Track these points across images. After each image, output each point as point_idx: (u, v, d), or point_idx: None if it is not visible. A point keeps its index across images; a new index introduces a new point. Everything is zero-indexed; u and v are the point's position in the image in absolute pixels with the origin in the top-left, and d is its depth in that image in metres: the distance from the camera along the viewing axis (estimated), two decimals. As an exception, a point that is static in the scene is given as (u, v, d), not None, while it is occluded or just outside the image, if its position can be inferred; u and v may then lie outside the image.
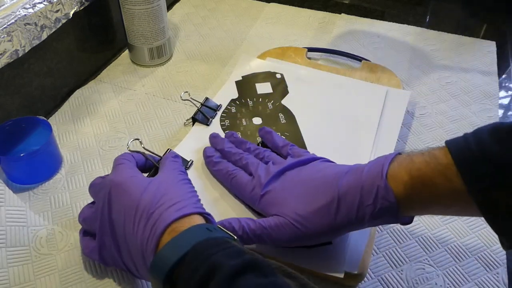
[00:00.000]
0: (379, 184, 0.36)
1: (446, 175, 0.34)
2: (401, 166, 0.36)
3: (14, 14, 0.50)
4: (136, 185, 0.38)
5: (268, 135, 0.51)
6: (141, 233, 0.35)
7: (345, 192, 0.38)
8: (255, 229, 0.40)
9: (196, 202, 0.38)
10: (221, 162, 0.48)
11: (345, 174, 0.39)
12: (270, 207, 0.41)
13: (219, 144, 0.50)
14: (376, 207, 0.36)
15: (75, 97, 0.62)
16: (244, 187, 0.44)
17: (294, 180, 0.42)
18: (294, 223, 0.39)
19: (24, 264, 0.42)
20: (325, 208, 0.38)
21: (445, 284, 0.42)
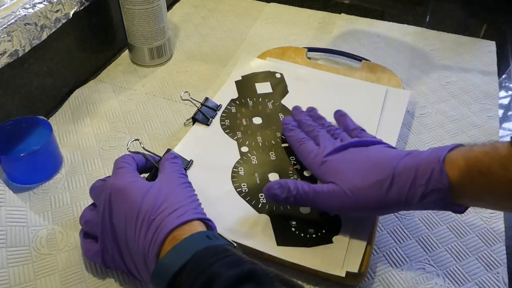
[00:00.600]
0: (434, 167, 0.37)
1: (504, 165, 0.34)
2: (459, 153, 0.37)
3: (14, 14, 0.50)
4: (137, 190, 0.38)
5: (342, 117, 0.53)
6: (143, 239, 0.36)
7: (400, 171, 0.39)
8: (309, 192, 0.41)
9: (196, 207, 0.38)
10: (295, 130, 0.51)
11: (404, 156, 0.40)
12: (328, 174, 0.43)
13: (298, 115, 0.54)
14: (427, 188, 0.37)
15: (75, 97, 0.62)
16: (309, 153, 0.46)
17: (355, 155, 0.43)
18: (347, 191, 0.40)
19: (24, 264, 0.42)
20: (379, 183, 0.39)
21: (445, 284, 0.42)
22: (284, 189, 0.42)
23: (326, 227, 0.44)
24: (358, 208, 0.40)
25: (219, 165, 0.50)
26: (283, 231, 0.44)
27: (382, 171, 0.40)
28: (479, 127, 0.59)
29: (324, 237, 0.43)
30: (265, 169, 0.50)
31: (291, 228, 0.44)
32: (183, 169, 0.43)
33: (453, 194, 0.37)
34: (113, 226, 0.38)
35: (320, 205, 0.42)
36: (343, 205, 0.40)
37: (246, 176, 0.49)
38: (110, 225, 0.38)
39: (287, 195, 0.42)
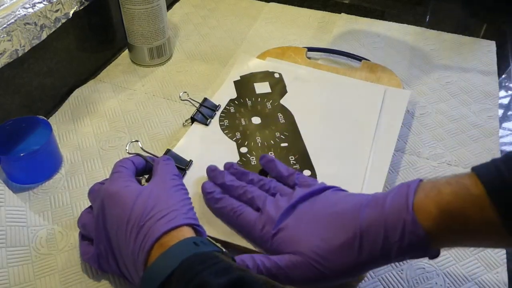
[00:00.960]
0: (405, 218, 0.34)
1: (479, 207, 0.32)
2: (428, 198, 0.34)
3: (14, 14, 0.50)
4: (128, 195, 0.38)
5: (271, 163, 0.47)
6: (133, 245, 0.36)
7: (367, 227, 0.35)
8: (271, 268, 0.37)
9: (187, 211, 0.38)
10: (224, 198, 0.44)
11: (364, 206, 0.36)
12: (284, 246, 0.38)
13: (218, 178, 0.46)
14: (403, 242, 0.34)
15: (75, 96, 0.62)
16: (253, 225, 0.40)
17: (308, 214, 0.39)
18: (313, 262, 0.36)
19: (24, 264, 0.42)
20: (346, 245, 0.35)
21: (445, 284, 0.42)
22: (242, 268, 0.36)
23: None
24: (328, 277, 0.36)
25: (219, 165, 0.50)
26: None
27: (346, 229, 0.36)
28: (479, 127, 0.59)
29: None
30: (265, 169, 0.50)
31: (291, 228, 0.44)
32: (176, 170, 0.42)
33: (430, 244, 0.34)
34: (106, 231, 0.38)
35: (285, 281, 0.37)
36: (314, 277, 0.36)
37: (246, 176, 0.49)
38: (104, 230, 0.38)
39: None
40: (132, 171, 0.42)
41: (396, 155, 0.55)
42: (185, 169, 0.49)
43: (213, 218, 0.44)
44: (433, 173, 0.53)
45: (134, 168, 0.43)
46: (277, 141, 0.53)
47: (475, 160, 0.54)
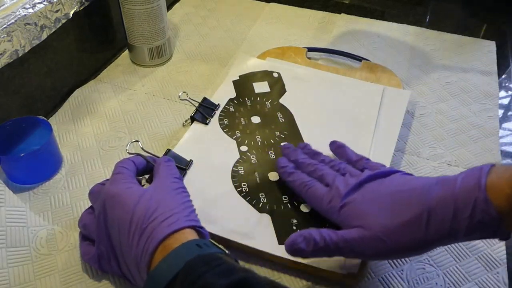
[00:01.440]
0: (477, 196, 0.33)
1: None
2: (501, 179, 0.34)
3: (14, 14, 0.50)
4: (130, 197, 0.38)
5: (341, 149, 0.48)
6: (135, 248, 0.36)
7: (436, 204, 0.35)
8: (338, 242, 0.37)
9: (189, 214, 0.38)
10: (295, 173, 0.46)
11: (434, 185, 0.36)
12: (350, 219, 0.39)
13: (292, 155, 0.48)
14: (473, 220, 0.34)
15: (75, 96, 0.62)
16: (321, 198, 0.42)
17: (375, 192, 0.39)
18: (380, 235, 0.36)
19: (24, 265, 0.42)
20: (414, 221, 0.35)
21: (445, 284, 0.42)
22: (309, 242, 0.38)
23: (327, 226, 0.44)
24: (396, 252, 0.37)
25: (219, 164, 0.50)
26: (284, 230, 0.44)
27: (414, 206, 0.36)
28: (479, 127, 0.59)
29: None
30: (265, 168, 0.50)
31: (293, 227, 0.44)
32: (177, 172, 0.43)
33: (502, 223, 0.33)
34: (108, 233, 0.38)
35: (351, 255, 0.38)
36: (378, 250, 0.36)
37: (246, 175, 0.49)
38: (105, 231, 0.38)
39: (314, 248, 0.38)
40: (133, 172, 0.42)
41: (396, 155, 0.55)
42: (185, 168, 0.49)
43: (214, 217, 0.45)
44: (433, 173, 0.53)
45: (135, 168, 0.43)
46: (277, 140, 0.53)
47: (475, 160, 0.54)
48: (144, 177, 0.46)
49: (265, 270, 0.43)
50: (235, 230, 0.44)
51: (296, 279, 0.42)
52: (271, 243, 0.43)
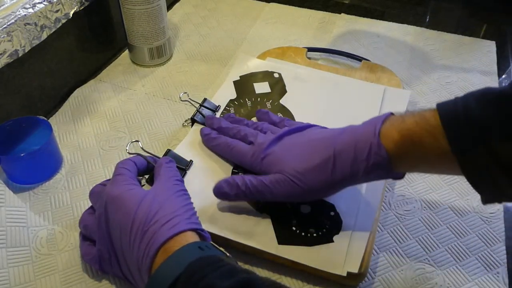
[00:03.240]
0: (372, 141, 0.39)
1: (434, 135, 0.36)
2: (392, 126, 0.39)
3: (14, 14, 0.50)
4: (131, 199, 0.38)
5: (265, 115, 0.53)
6: (137, 250, 0.36)
7: (341, 149, 0.40)
8: (257, 185, 0.42)
9: (190, 216, 0.38)
10: (219, 137, 0.50)
11: (340, 133, 0.41)
12: (270, 167, 0.43)
13: (215, 123, 0.52)
14: (369, 162, 0.39)
15: (75, 96, 0.62)
16: (245, 154, 0.46)
17: (292, 142, 0.44)
18: (293, 179, 0.41)
19: (24, 265, 0.42)
20: (322, 165, 0.40)
21: (445, 284, 0.42)
22: (232, 186, 0.43)
23: (327, 226, 0.44)
24: (307, 192, 0.41)
25: (219, 165, 0.50)
26: (284, 230, 0.44)
27: (323, 152, 0.41)
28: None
29: (325, 236, 0.43)
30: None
31: (292, 227, 0.44)
32: (178, 174, 0.43)
33: (391, 164, 0.38)
34: (109, 234, 0.38)
35: (270, 197, 0.42)
36: (292, 192, 0.41)
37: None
38: (107, 233, 0.38)
39: (237, 192, 0.43)
40: (134, 173, 0.42)
41: (396, 155, 0.55)
42: (185, 169, 0.49)
43: (214, 216, 0.45)
44: (427, 175, 0.53)
45: (136, 169, 0.43)
46: (277, 141, 0.53)
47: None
48: (144, 177, 0.46)
49: (265, 271, 0.43)
50: (235, 230, 0.44)
51: (296, 279, 0.43)
52: (270, 243, 0.43)
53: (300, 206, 0.46)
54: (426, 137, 0.36)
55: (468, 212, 0.49)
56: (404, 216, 0.48)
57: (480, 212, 0.49)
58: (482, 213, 0.49)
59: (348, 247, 0.42)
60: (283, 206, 0.46)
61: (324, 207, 0.46)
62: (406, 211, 0.49)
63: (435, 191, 0.51)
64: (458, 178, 0.52)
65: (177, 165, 0.45)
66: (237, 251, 0.43)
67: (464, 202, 0.50)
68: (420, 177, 0.52)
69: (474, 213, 0.49)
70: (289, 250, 0.42)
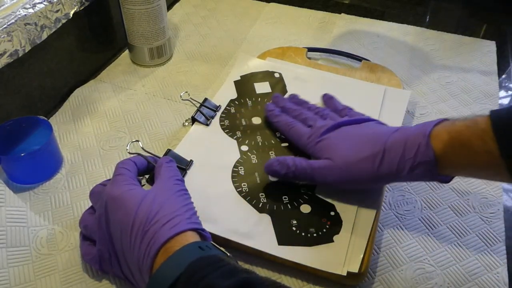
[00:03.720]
0: (421, 141, 0.40)
1: (483, 138, 0.37)
2: (443, 128, 0.40)
3: (14, 14, 0.50)
4: (132, 199, 0.38)
5: (330, 100, 0.55)
6: (137, 251, 0.36)
7: (391, 146, 0.42)
8: (306, 167, 0.45)
9: (190, 216, 0.38)
10: (281, 115, 0.53)
11: (394, 131, 0.43)
12: (322, 152, 0.46)
13: (280, 102, 0.55)
14: (415, 160, 0.40)
15: (75, 96, 0.62)
16: (302, 135, 0.49)
17: (348, 133, 0.46)
18: (341, 166, 0.43)
19: (24, 264, 0.42)
20: (370, 158, 0.42)
21: (445, 284, 0.42)
22: (283, 165, 0.45)
23: (327, 226, 0.44)
24: (352, 181, 0.43)
25: (219, 164, 0.50)
26: (284, 230, 0.44)
27: (374, 146, 0.42)
28: None
29: (325, 236, 0.43)
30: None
31: (292, 228, 0.44)
32: (179, 173, 0.43)
33: (438, 166, 0.40)
34: (110, 234, 0.38)
35: (317, 179, 0.45)
36: (338, 178, 0.43)
37: (247, 175, 0.49)
38: (107, 233, 0.38)
39: (286, 171, 0.45)
40: (134, 173, 0.42)
41: (396, 155, 0.55)
42: (185, 169, 0.49)
43: (214, 216, 0.45)
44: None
45: (136, 169, 0.43)
46: (277, 141, 0.53)
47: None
48: (144, 177, 0.46)
49: (265, 270, 0.43)
50: (235, 230, 0.44)
51: (296, 279, 0.43)
52: (270, 243, 0.43)
53: (300, 206, 0.46)
54: (476, 140, 0.37)
55: (468, 212, 0.49)
56: (404, 216, 0.48)
57: (480, 212, 0.49)
58: (482, 213, 0.49)
59: (348, 247, 0.42)
60: (283, 206, 0.46)
61: (324, 207, 0.46)
62: (406, 211, 0.49)
63: (435, 191, 0.51)
64: (458, 178, 0.52)
65: (177, 165, 0.45)
66: (237, 251, 0.43)
67: (464, 202, 0.50)
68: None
69: (474, 213, 0.49)
70: (289, 250, 0.42)
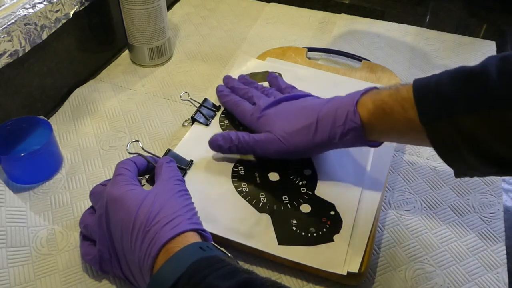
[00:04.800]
0: (349, 109, 0.43)
1: (404, 106, 0.39)
2: (369, 97, 0.43)
3: (14, 14, 0.50)
4: (132, 199, 0.38)
5: (274, 79, 0.58)
6: (138, 251, 0.36)
7: (323, 115, 0.44)
8: (249, 140, 0.48)
9: (191, 217, 0.38)
10: (230, 95, 0.56)
11: (327, 102, 0.46)
12: (264, 126, 0.49)
13: (230, 82, 0.58)
14: (345, 127, 0.43)
15: (75, 96, 0.62)
16: (246, 112, 0.52)
17: (286, 107, 0.49)
18: (280, 138, 0.46)
19: (24, 265, 0.42)
20: (306, 128, 0.45)
21: (445, 284, 0.42)
22: (227, 140, 0.48)
23: (327, 226, 0.44)
24: (291, 151, 0.46)
25: (219, 164, 0.50)
26: (284, 230, 0.44)
27: (308, 117, 0.45)
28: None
29: (325, 236, 0.43)
30: (265, 168, 0.50)
31: (292, 227, 0.44)
32: (179, 174, 0.43)
33: (365, 132, 0.43)
34: (110, 234, 0.38)
35: (259, 152, 0.48)
36: (278, 149, 0.46)
37: (246, 175, 0.49)
38: (107, 233, 0.38)
39: (230, 145, 0.48)
40: (134, 173, 0.42)
41: (396, 155, 0.55)
42: (185, 169, 0.49)
43: (214, 217, 0.45)
44: (433, 173, 0.53)
45: (136, 169, 0.43)
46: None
47: (475, 160, 0.54)
48: (144, 177, 0.46)
49: (265, 270, 0.43)
50: (235, 229, 0.44)
51: (296, 279, 0.43)
52: (270, 243, 0.43)
53: (300, 206, 0.46)
54: (397, 107, 0.39)
55: (468, 212, 0.49)
56: (404, 216, 0.48)
57: (480, 212, 0.49)
58: (482, 213, 0.49)
59: (349, 247, 0.42)
60: (283, 205, 0.46)
61: (324, 207, 0.46)
62: (406, 211, 0.49)
63: (435, 191, 0.51)
64: (458, 178, 0.52)
65: (177, 165, 0.45)
66: (237, 251, 0.43)
67: (464, 201, 0.50)
68: (420, 177, 0.52)
69: (474, 213, 0.49)
70: (289, 250, 0.42)
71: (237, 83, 0.58)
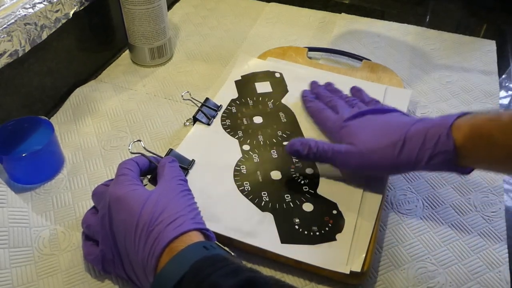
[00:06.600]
0: (442, 132, 0.40)
1: (505, 131, 0.37)
2: (465, 120, 0.40)
3: (14, 14, 0.50)
4: (135, 199, 0.38)
5: (358, 92, 0.56)
6: (142, 251, 0.36)
7: (412, 135, 0.42)
8: (328, 150, 0.45)
9: (194, 216, 0.38)
10: (314, 101, 0.55)
11: (416, 121, 0.44)
12: (346, 137, 0.47)
13: (315, 88, 0.58)
14: (435, 150, 0.40)
15: (75, 95, 0.62)
16: (329, 120, 0.51)
17: (371, 121, 0.47)
18: (363, 151, 0.44)
19: (27, 265, 0.42)
20: (392, 146, 0.43)
21: (447, 283, 0.42)
22: (305, 146, 0.46)
23: (330, 225, 0.44)
24: (371, 167, 0.44)
25: (221, 164, 0.50)
26: (286, 229, 0.44)
27: (395, 134, 0.43)
28: None
29: (328, 235, 0.43)
30: (267, 167, 0.50)
31: (295, 226, 0.44)
32: (182, 173, 0.43)
33: (457, 156, 0.40)
34: (113, 234, 0.38)
35: (338, 163, 0.46)
36: (358, 163, 0.44)
37: (249, 174, 0.49)
38: (110, 233, 0.38)
39: (308, 152, 0.46)
40: (137, 173, 0.42)
41: (398, 155, 0.55)
42: (187, 168, 0.49)
43: (217, 216, 0.45)
44: (433, 173, 0.53)
45: (138, 169, 0.43)
46: (279, 140, 0.53)
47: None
48: (146, 177, 0.46)
49: (267, 269, 0.43)
50: (238, 228, 0.44)
51: (299, 278, 0.43)
52: (273, 242, 0.43)
53: (302, 204, 0.46)
54: (496, 132, 0.37)
55: (470, 211, 0.49)
56: (406, 215, 0.48)
57: (482, 211, 0.49)
58: (484, 212, 0.49)
59: (351, 246, 0.42)
60: (285, 204, 0.46)
61: (326, 206, 0.46)
62: (408, 210, 0.49)
63: (436, 190, 0.51)
64: (459, 178, 0.52)
65: (179, 164, 0.45)
66: (239, 250, 0.43)
67: (465, 201, 0.50)
68: (421, 176, 0.52)
69: (476, 212, 0.49)
70: (292, 249, 0.42)
71: (322, 90, 0.57)
